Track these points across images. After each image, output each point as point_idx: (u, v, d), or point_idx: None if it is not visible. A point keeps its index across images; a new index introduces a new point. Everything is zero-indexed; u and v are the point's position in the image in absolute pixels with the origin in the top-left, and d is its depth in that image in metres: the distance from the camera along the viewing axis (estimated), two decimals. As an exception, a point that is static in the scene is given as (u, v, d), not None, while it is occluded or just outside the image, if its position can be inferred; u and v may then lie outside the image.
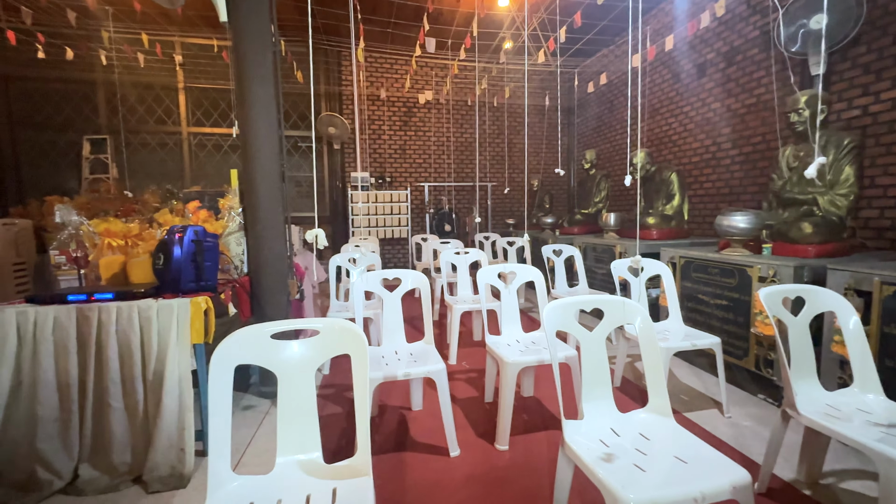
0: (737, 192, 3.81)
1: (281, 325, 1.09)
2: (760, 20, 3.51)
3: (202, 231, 1.79)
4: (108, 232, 1.90)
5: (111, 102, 5.32)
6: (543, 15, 4.32)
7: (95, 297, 1.62)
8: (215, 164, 5.80)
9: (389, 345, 1.99)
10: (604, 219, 3.82)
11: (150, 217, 3.63)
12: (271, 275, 2.21)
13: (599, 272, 3.82)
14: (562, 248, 3.41)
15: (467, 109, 6.42)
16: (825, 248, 2.14)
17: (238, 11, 2.14)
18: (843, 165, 2.21)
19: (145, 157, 5.59)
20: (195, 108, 5.68)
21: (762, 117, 3.55)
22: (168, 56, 5.13)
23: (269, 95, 2.19)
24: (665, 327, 2.24)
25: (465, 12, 4.63)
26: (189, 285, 1.72)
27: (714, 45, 3.99)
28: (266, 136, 2.18)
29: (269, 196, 2.19)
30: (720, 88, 3.95)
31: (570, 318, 1.30)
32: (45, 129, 5.24)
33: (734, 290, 2.33)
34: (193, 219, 2.18)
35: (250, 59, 2.14)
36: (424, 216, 6.33)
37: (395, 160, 6.27)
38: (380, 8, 4.58)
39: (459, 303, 2.89)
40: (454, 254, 3.16)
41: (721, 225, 2.44)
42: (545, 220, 5.13)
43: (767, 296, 1.42)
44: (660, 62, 4.72)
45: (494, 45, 5.33)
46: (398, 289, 2.02)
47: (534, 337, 2.11)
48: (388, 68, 6.06)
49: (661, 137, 4.76)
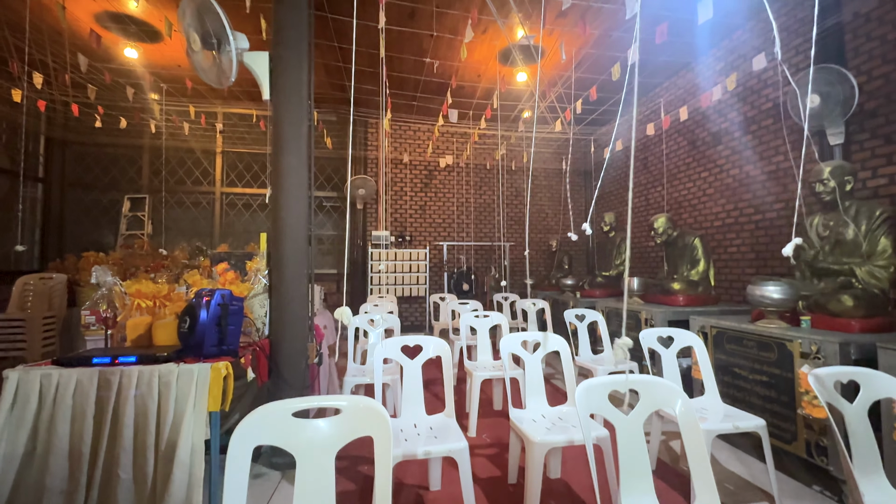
0: (763, 258, 3.72)
1: (303, 402, 1.05)
2: (772, 93, 3.63)
3: (229, 294, 1.82)
4: (138, 293, 1.94)
5: (154, 165, 5.74)
6: (560, 89, 4.58)
7: (119, 360, 1.62)
8: (244, 223, 6.06)
9: (408, 417, 1.90)
10: (627, 283, 3.74)
11: (179, 273, 3.74)
12: (292, 338, 2.20)
13: (624, 338, 3.67)
14: (585, 313, 3.32)
15: (486, 172, 6.65)
16: (870, 322, 2.03)
17: (279, 89, 2.33)
18: (879, 236, 2.15)
19: (179, 215, 5.89)
20: (230, 169, 6.05)
21: (783, 184, 3.55)
22: (210, 124, 5.58)
23: (302, 164, 2.31)
24: (702, 405, 2.09)
25: (487, 87, 4.96)
26: (211, 349, 1.71)
27: (728, 116, 4.12)
28: (296, 202, 2.27)
29: (295, 259, 2.24)
30: (737, 156, 4.01)
31: (604, 400, 1.22)
32: (92, 189, 5.63)
33: (774, 366, 2.19)
34: (221, 280, 2.23)
35: (287, 131, 2.29)
36: (443, 275, 6.35)
37: (416, 220, 6.43)
38: (406, 84, 4.95)
39: (479, 369, 2.79)
40: (474, 316, 3.10)
41: (753, 294, 2.36)
42: (565, 282, 5.06)
43: (817, 379, 1.32)
44: (675, 130, 4.87)
45: (514, 115, 5.62)
46: (419, 356, 1.97)
47: (560, 412, 1.99)
48: (411, 135, 6.42)
49: (679, 202, 4.79)
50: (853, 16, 2.99)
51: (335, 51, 4.20)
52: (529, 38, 3.33)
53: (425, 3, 3.46)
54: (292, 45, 2.28)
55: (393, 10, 3.50)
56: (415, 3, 3.47)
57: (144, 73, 4.45)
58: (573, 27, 3.66)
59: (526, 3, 3.31)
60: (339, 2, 3.44)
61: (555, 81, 4.58)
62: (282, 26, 2.28)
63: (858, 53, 2.97)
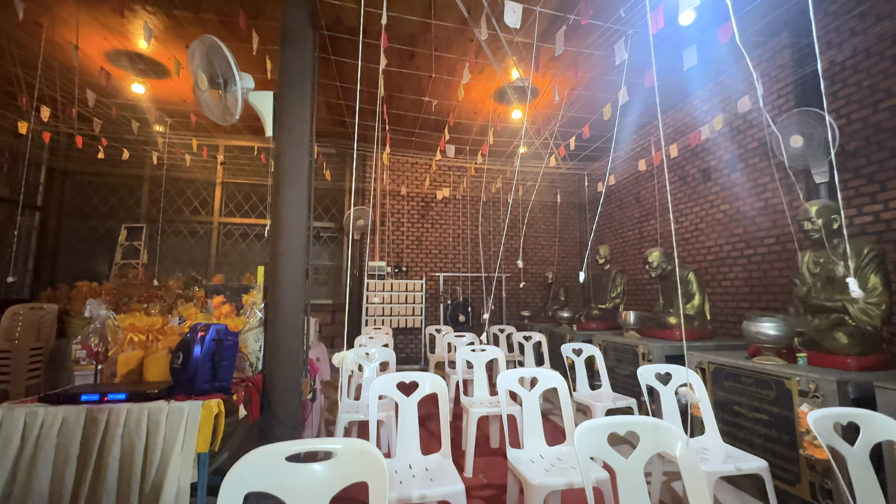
0: (757, 292, 3.75)
1: (298, 445, 1.03)
2: (758, 133, 3.78)
3: (224, 329, 1.80)
4: (132, 327, 1.92)
5: (153, 194, 5.78)
6: (555, 128, 4.74)
7: (109, 397, 1.58)
8: (240, 252, 6.06)
9: (403, 457, 1.84)
10: (623, 317, 3.75)
11: (172, 303, 3.70)
12: (286, 373, 2.16)
13: (621, 373, 3.63)
14: (582, 348, 3.30)
15: (482, 205, 6.76)
16: (866, 360, 2.03)
17: (282, 127, 2.39)
18: (868, 274, 2.19)
19: (176, 244, 5.88)
20: (229, 199, 6.11)
21: (773, 219, 3.63)
22: (212, 156, 5.68)
23: (302, 198, 2.35)
24: (703, 444, 2.05)
25: (483, 124, 5.12)
26: (204, 386, 1.68)
27: (717, 154, 4.26)
28: (295, 235, 2.29)
29: (293, 292, 2.24)
30: (727, 192, 4.12)
31: (603, 443, 1.21)
32: (90, 218, 5.65)
33: (773, 404, 2.17)
34: (216, 313, 2.21)
35: (288, 166, 2.34)
36: (439, 306, 6.32)
37: (412, 250, 6.46)
38: (405, 120, 5.11)
39: (476, 405, 2.74)
40: (470, 350, 3.07)
41: (749, 331, 2.36)
42: (562, 315, 5.05)
43: (817, 422, 1.31)
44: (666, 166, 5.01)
45: (509, 150, 5.77)
46: (415, 393, 1.94)
47: (559, 452, 1.94)
48: (409, 167, 6.56)
49: (674, 235, 4.86)
50: (829, 64, 3.16)
51: (337, 89, 4.35)
52: (524, 80, 3.47)
53: (424, 46, 3.63)
54: (297, 86, 2.36)
55: (393, 52, 3.66)
56: (414, 47, 3.64)
57: (150, 107, 4.56)
58: (566, 70, 3.83)
59: (520, 47, 3.48)
60: (342, 44, 3.60)
61: (549, 119, 4.75)
62: (287, 68, 2.38)
63: (837, 98, 3.12)
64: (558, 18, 3.11)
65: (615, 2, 2.91)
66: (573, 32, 3.07)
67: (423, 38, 3.53)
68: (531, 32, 3.21)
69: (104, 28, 3.43)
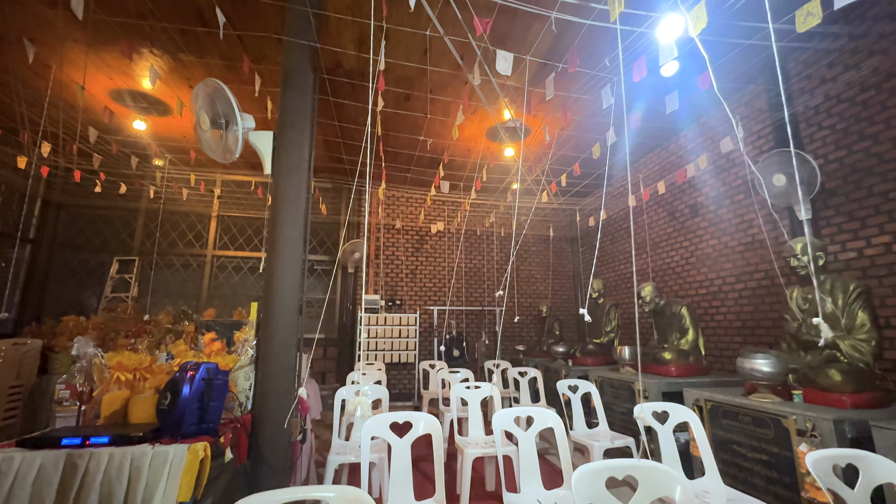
0: (750, 327, 3.77)
1: (289, 493, 1.00)
2: (741, 171, 3.92)
3: (214, 368, 1.77)
4: (120, 365, 1.88)
5: (148, 227, 5.78)
6: (546, 165, 4.89)
7: (91, 440, 1.52)
8: (233, 285, 6.00)
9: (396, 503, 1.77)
10: (618, 352, 3.73)
11: (161, 338, 3.62)
12: (276, 413, 2.10)
13: (618, 410, 3.57)
14: (578, 385, 3.25)
15: (476, 238, 6.83)
16: (860, 397, 2.03)
17: (281, 165, 2.45)
18: (856, 311, 2.22)
19: (167, 277, 5.83)
20: (223, 232, 6.12)
21: (761, 255, 3.71)
22: (209, 190, 5.74)
23: (298, 235, 2.37)
24: (703, 487, 2.00)
25: (476, 161, 5.27)
26: (190, 428, 1.63)
27: (703, 190, 4.39)
28: (290, 272, 2.29)
29: (286, 329, 2.22)
30: (714, 227, 4.22)
31: (602, 488, 1.18)
32: (82, 250, 5.60)
33: (772, 444, 2.14)
34: (207, 350, 2.18)
35: (286, 204, 2.37)
36: (433, 340, 6.24)
37: (406, 283, 6.44)
38: (401, 157, 5.24)
39: (471, 446, 2.66)
40: (465, 387, 3.02)
41: (743, 367, 2.36)
42: (557, 349, 5.01)
43: (815, 464, 1.29)
44: (654, 202, 5.15)
45: (502, 186, 5.91)
46: (408, 434, 1.89)
47: (557, 496, 1.88)
48: (404, 201, 6.65)
49: (664, 269, 4.93)
50: (804, 108, 3.34)
51: (335, 127, 4.48)
52: (516, 122, 3.61)
53: (420, 89, 3.79)
54: (296, 126, 2.44)
55: (390, 95, 3.81)
56: (410, 90, 3.80)
57: (150, 143, 4.65)
58: (556, 111, 4.00)
59: (511, 89, 3.64)
60: (341, 86, 3.75)
61: (540, 157, 4.90)
62: (288, 109, 2.46)
63: (813, 140, 3.28)
64: (547, 65, 3.28)
65: (601, 51, 3.09)
66: (562, 78, 3.24)
67: (418, 81, 3.69)
68: (522, 77, 3.37)
69: (110, 69, 3.55)
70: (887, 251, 2.79)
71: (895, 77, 2.77)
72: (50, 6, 2.85)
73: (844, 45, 3.03)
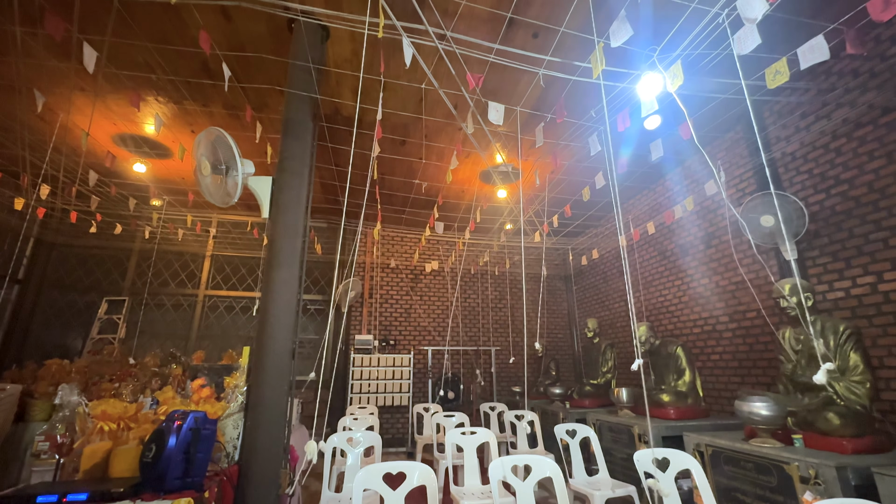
0: (746, 367, 3.75)
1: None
2: (727, 212, 4.04)
3: (202, 417, 1.72)
4: (104, 415, 1.82)
5: (140, 267, 5.74)
6: (538, 207, 5.01)
7: (68, 497, 1.45)
8: (223, 326, 5.90)
9: (388, 563, 1.68)
10: (616, 394, 3.67)
11: (146, 381, 3.51)
12: (264, 464, 2.02)
13: (619, 455, 3.47)
14: (576, 428, 3.17)
15: (470, 277, 6.85)
16: (861, 442, 2.00)
17: (279, 208, 2.49)
18: (848, 352, 2.24)
19: (157, 317, 5.72)
20: (217, 272, 6.09)
21: (751, 294, 3.75)
22: (204, 230, 5.76)
23: (293, 277, 2.38)
24: (709, 540, 1.92)
25: (470, 202, 5.39)
26: (174, 483, 1.56)
27: (691, 231, 4.50)
28: (284, 315, 2.28)
29: (277, 374, 2.17)
30: (704, 267, 4.30)
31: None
32: (71, 291, 5.52)
33: (777, 492, 2.08)
34: (195, 397, 2.12)
35: (282, 247, 2.40)
36: (427, 381, 6.10)
37: (400, 323, 6.38)
38: (396, 199, 5.36)
39: (467, 497, 2.55)
40: (460, 433, 2.93)
41: (742, 411, 2.34)
42: (554, 391, 4.91)
43: (819, 515, 1.26)
44: (645, 241, 5.25)
45: (496, 227, 6.01)
46: (402, 486, 1.82)
47: (557, 553, 1.80)
48: (399, 241, 6.72)
49: (658, 308, 4.94)
50: (781, 154, 3.50)
51: (332, 171, 4.60)
52: (508, 166, 3.75)
53: (415, 135, 3.94)
54: (295, 172, 2.51)
55: (386, 141, 3.96)
56: (406, 136, 3.95)
57: (149, 185, 4.73)
58: (546, 156, 4.16)
59: (503, 136, 3.80)
60: (339, 133, 3.89)
61: (532, 199, 5.03)
62: (287, 156, 2.54)
63: (793, 184, 3.42)
64: (537, 115, 3.45)
65: (587, 102, 3.27)
66: (551, 127, 3.40)
67: (414, 127, 3.84)
68: (513, 125, 3.53)
69: (115, 115, 3.66)
70: (873, 290, 2.85)
71: (863, 126, 2.94)
72: (62, 60, 2.99)
73: (814, 97, 3.23)
